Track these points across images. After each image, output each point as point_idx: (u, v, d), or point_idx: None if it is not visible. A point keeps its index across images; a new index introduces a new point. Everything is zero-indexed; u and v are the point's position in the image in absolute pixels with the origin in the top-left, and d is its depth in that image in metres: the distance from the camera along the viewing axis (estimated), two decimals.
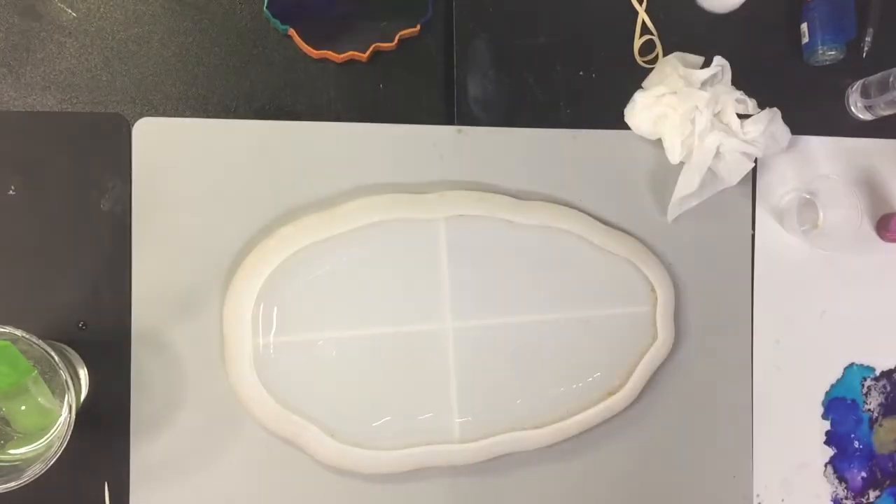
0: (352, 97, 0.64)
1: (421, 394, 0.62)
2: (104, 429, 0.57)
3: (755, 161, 0.68)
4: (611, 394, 0.66)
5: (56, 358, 0.48)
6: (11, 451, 0.51)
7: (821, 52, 0.72)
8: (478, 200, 0.63)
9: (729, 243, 0.72)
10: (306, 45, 0.62)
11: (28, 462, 0.49)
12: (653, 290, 0.67)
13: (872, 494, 0.76)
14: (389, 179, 0.63)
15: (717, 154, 0.66)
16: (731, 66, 0.67)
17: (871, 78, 0.73)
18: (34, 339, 0.47)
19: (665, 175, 0.69)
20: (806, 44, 0.73)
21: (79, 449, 0.49)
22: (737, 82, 0.67)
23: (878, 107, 0.73)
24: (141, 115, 0.59)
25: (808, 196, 0.74)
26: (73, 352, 0.56)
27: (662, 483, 0.69)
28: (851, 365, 0.75)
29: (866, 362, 0.76)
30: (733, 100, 0.66)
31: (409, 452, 0.61)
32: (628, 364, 0.67)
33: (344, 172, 0.62)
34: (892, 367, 0.77)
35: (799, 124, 0.71)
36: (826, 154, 0.75)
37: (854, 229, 0.70)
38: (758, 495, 0.72)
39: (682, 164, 0.67)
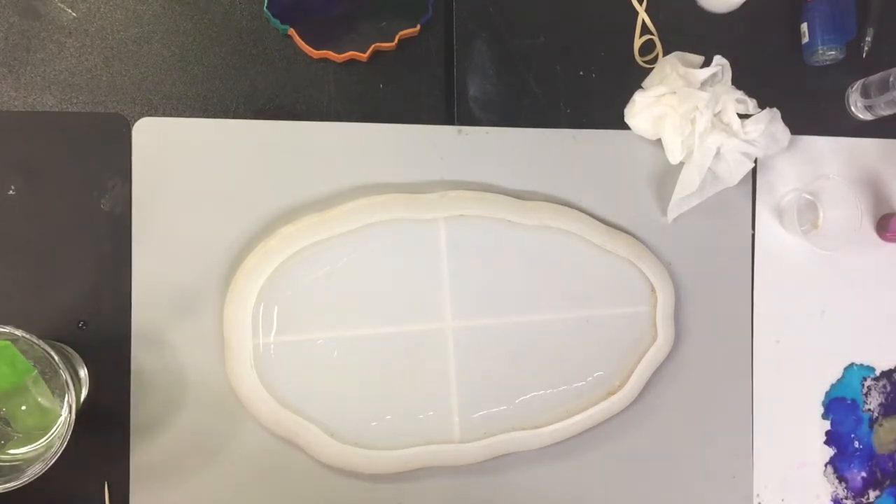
0: (352, 97, 0.64)
1: (421, 393, 0.62)
2: (104, 429, 0.57)
3: (755, 161, 0.68)
4: (611, 394, 0.66)
5: (56, 358, 0.48)
6: (11, 451, 0.51)
7: (821, 52, 0.72)
8: (478, 200, 0.63)
9: (729, 243, 0.72)
10: (306, 45, 0.62)
11: (28, 462, 0.49)
12: (653, 290, 0.67)
13: (872, 494, 0.76)
14: (389, 179, 0.63)
15: (718, 154, 0.66)
16: (730, 66, 0.67)
17: (871, 78, 0.73)
18: (34, 339, 0.47)
19: (665, 175, 0.69)
20: (806, 44, 0.73)
21: (79, 449, 0.49)
22: (737, 82, 0.67)
23: (878, 107, 0.73)
24: (141, 115, 0.59)
25: (808, 196, 0.74)
26: (73, 352, 0.56)
27: (662, 483, 0.69)
28: (851, 365, 0.75)
29: (866, 362, 0.76)
30: (733, 100, 0.66)
31: (409, 452, 0.61)
32: (628, 364, 0.67)
33: (344, 172, 0.62)
34: (892, 367, 0.77)
35: (799, 124, 0.71)
36: (826, 154, 0.75)
37: (854, 229, 0.70)
38: (758, 495, 0.72)
39: (682, 164, 0.67)
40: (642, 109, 0.66)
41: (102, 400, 0.57)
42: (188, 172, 0.59)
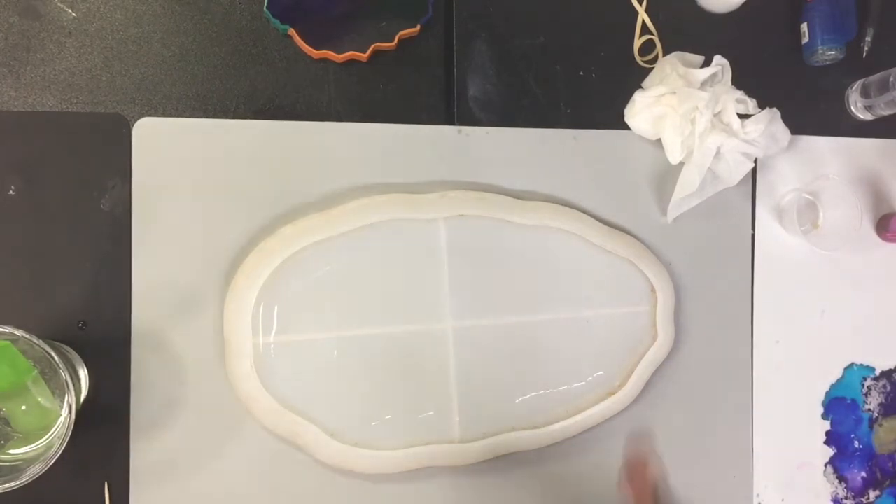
0: (352, 97, 0.64)
1: (421, 393, 0.62)
2: (104, 429, 0.57)
3: (755, 161, 0.68)
4: (611, 394, 0.66)
5: (56, 358, 0.48)
6: (11, 451, 0.51)
7: (821, 52, 0.72)
8: (478, 200, 0.63)
9: (729, 243, 0.72)
10: (306, 45, 0.62)
11: (28, 462, 0.49)
12: (653, 290, 0.67)
13: (872, 494, 0.76)
14: (390, 179, 0.63)
15: (718, 154, 0.66)
16: (731, 66, 0.67)
17: (871, 78, 0.73)
18: (34, 339, 0.47)
19: (665, 175, 0.69)
20: (806, 44, 0.73)
21: (79, 449, 0.49)
22: (737, 82, 0.67)
23: (878, 107, 0.73)
24: (141, 115, 0.59)
25: (808, 196, 0.74)
26: (73, 352, 0.56)
27: None
28: (851, 365, 0.75)
29: (866, 362, 0.76)
30: (733, 100, 0.66)
31: (409, 452, 0.61)
32: (628, 364, 0.67)
33: (344, 172, 0.62)
34: (892, 367, 0.77)
35: (799, 124, 0.71)
36: (826, 154, 0.75)
37: (854, 229, 0.70)
38: (758, 495, 0.72)
39: (681, 164, 0.67)
40: (642, 109, 0.66)
41: (102, 400, 0.57)
42: (188, 172, 0.59)
